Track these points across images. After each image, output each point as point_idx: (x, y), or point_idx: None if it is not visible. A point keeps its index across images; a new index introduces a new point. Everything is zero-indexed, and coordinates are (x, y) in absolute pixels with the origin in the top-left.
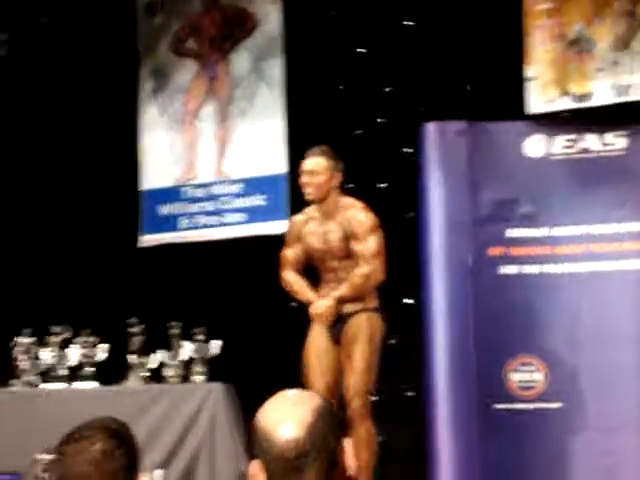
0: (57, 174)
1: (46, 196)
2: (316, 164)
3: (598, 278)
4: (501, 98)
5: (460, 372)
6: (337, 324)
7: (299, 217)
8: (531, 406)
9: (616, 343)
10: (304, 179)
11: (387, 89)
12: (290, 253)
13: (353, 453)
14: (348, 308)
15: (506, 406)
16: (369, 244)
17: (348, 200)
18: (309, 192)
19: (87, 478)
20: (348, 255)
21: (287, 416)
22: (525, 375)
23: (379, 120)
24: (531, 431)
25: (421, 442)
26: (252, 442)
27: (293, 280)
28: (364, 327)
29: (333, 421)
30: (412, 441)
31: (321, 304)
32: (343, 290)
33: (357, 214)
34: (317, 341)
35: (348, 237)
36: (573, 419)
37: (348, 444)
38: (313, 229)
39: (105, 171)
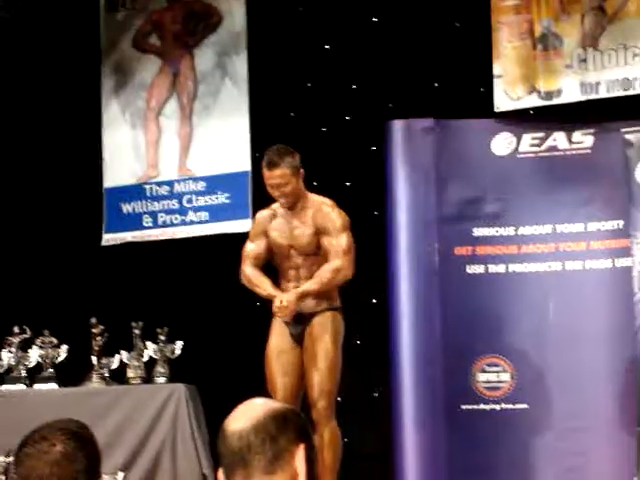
0: (18, 172)
1: (7, 194)
2: (281, 175)
3: (565, 277)
4: (468, 95)
5: (427, 373)
6: (299, 323)
7: (264, 212)
8: (498, 407)
9: (584, 343)
10: (274, 192)
11: (353, 86)
12: (251, 248)
13: (305, 462)
14: (311, 307)
15: (473, 407)
16: (341, 240)
17: (317, 197)
18: (283, 202)
19: None
20: (315, 252)
21: (240, 414)
22: (492, 375)
23: (345, 117)
24: (498, 432)
25: (387, 443)
26: None
27: (252, 274)
28: (329, 326)
29: (288, 424)
30: (378, 442)
31: (284, 297)
32: (310, 284)
33: (330, 211)
34: (278, 341)
35: (319, 233)
36: (540, 420)
37: (304, 452)
38: (279, 225)
39: (68, 169)
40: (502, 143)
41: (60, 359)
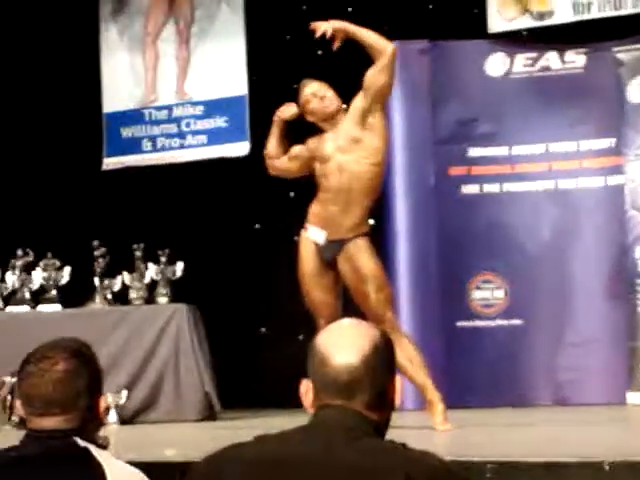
0: (19, 99)
1: (8, 121)
2: (319, 85)
3: (558, 196)
4: (462, 17)
5: (423, 291)
6: (331, 248)
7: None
8: (493, 323)
9: (577, 260)
10: (315, 104)
11: (349, 9)
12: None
13: (401, 392)
14: (343, 234)
15: (469, 324)
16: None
17: None
18: (326, 105)
19: (50, 398)
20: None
21: (346, 343)
22: (486, 293)
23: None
24: (494, 348)
25: None
26: (308, 363)
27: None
28: (366, 248)
29: (388, 356)
30: None
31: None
32: (362, 30)
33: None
34: (310, 264)
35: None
36: (535, 335)
37: (398, 382)
38: (326, 141)
39: (68, 95)
40: (496, 64)
41: (63, 281)
